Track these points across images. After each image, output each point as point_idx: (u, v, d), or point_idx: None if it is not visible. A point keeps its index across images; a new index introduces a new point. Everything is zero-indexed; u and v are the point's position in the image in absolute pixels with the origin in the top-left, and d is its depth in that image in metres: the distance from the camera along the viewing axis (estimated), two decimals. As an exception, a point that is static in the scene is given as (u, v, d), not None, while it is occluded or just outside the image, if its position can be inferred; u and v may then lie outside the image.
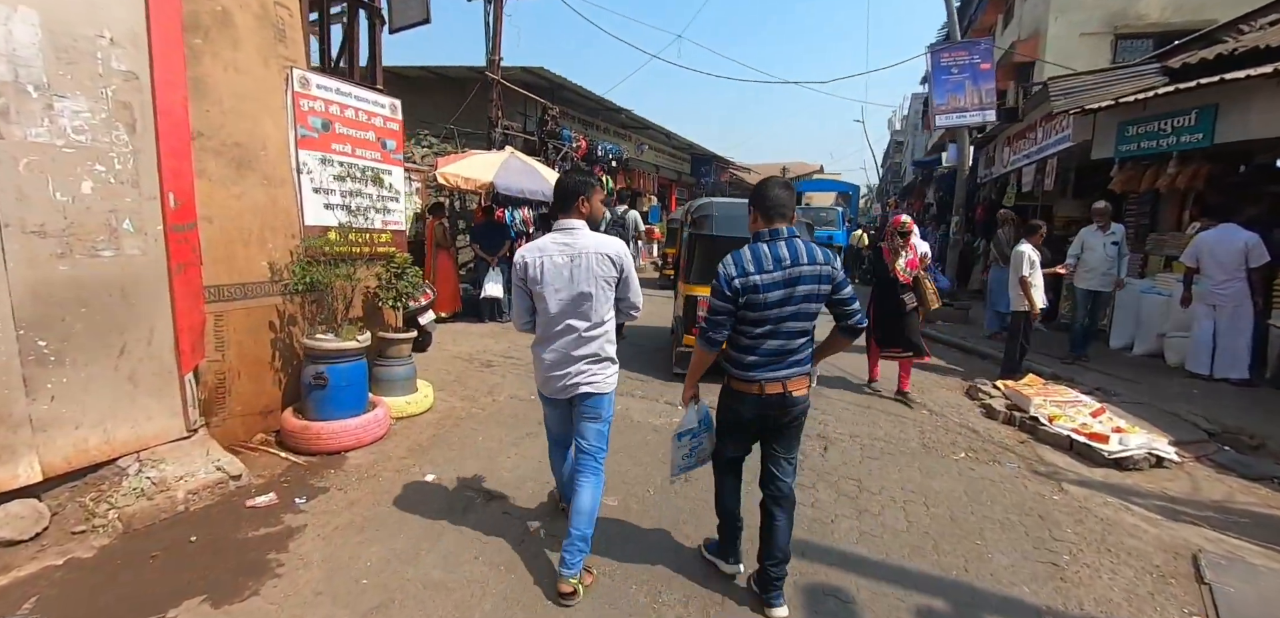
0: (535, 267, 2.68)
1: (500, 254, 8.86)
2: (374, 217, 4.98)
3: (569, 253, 2.65)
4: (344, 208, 4.63)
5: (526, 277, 2.71)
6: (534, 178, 8.71)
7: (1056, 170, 9.84)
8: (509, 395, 5.71)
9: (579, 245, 2.66)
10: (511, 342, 7.87)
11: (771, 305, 2.37)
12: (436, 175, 7.96)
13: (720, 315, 2.43)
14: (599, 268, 2.65)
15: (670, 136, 18.76)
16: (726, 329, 2.46)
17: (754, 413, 2.51)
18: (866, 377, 6.79)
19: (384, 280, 4.90)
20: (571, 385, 2.73)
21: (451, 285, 8.93)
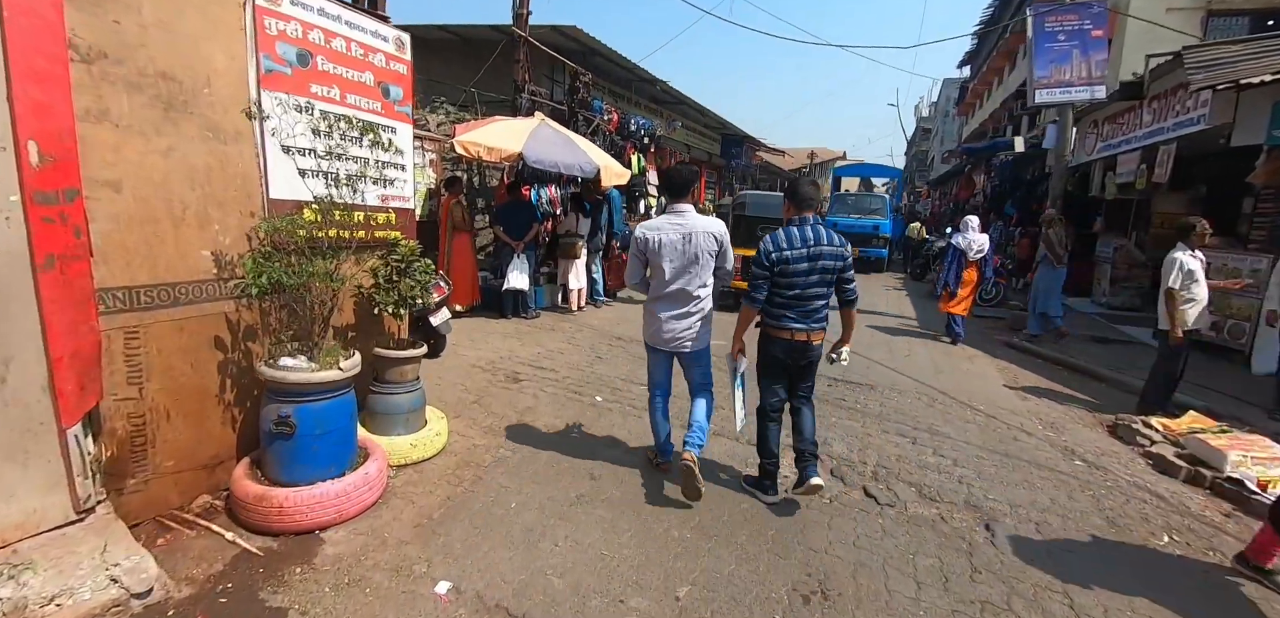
0: (655, 242, 3.29)
1: (527, 239, 7.47)
2: (370, 189, 3.59)
3: (682, 230, 3.26)
4: (327, 175, 3.24)
5: (646, 249, 3.32)
6: (571, 150, 7.28)
7: (1173, 158, 8.28)
8: (546, 426, 4.36)
9: (690, 225, 3.28)
10: (542, 345, 6.50)
11: (798, 274, 3.10)
12: (454, 144, 6.60)
13: (760, 279, 3.14)
14: (706, 243, 3.28)
15: (704, 113, 17.19)
16: (765, 290, 3.14)
17: (784, 353, 3.25)
18: (993, 414, 5.36)
19: (383, 277, 3.53)
20: (679, 342, 3.39)
21: (470, 274, 7.57)
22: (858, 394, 5.64)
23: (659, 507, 3.33)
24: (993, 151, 17.35)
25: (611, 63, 12.33)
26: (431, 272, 3.82)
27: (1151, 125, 9.09)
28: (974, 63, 33.06)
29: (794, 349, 3.22)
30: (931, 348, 7.74)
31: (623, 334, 7.24)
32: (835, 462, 4.14)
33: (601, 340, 6.90)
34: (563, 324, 7.59)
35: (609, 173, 7.59)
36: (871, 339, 7.96)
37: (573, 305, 8.12)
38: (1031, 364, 7.31)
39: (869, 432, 4.73)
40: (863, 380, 6.06)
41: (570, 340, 6.80)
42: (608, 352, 6.44)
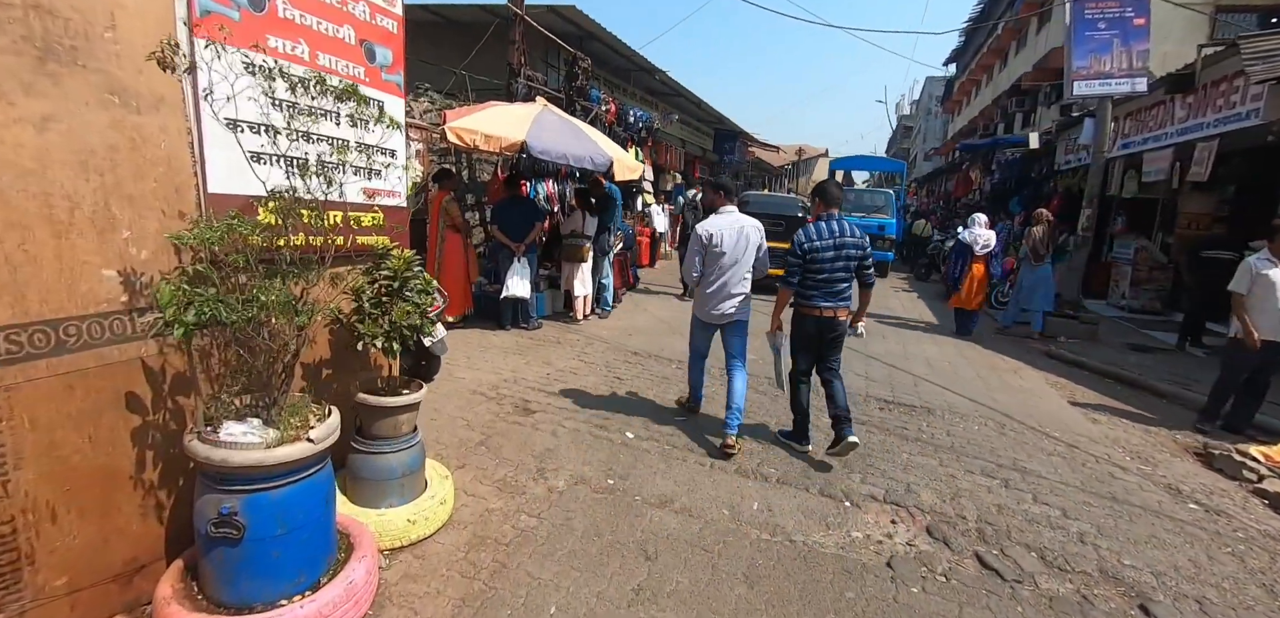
0: (718, 236, 3.88)
1: (528, 241, 6.56)
2: (351, 181, 2.69)
3: (736, 227, 3.91)
4: (291, 162, 2.32)
5: (709, 243, 3.89)
6: (579, 139, 6.39)
7: (1214, 156, 7.73)
8: (574, 474, 3.50)
9: (739, 222, 3.93)
10: (550, 363, 5.62)
11: (826, 262, 3.67)
12: (445, 131, 5.68)
13: (794, 265, 3.73)
14: (753, 237, 3.95)
15: (700, 106, 16.38)
16: (798, 275, 3.73)
17: (815, 329, 3.81)
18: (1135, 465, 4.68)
19: (369, 299, 2.63)
20: (727, 314, 3.97)
21: (463, 280, 6.64)
22: (918, 420, 4.89)
23: (741, 588, 2.51)
24: (993, 148, 16.86)
25: (609, 49, 11.44)
26: (432, 288, 2.93)
27: (1187, 121, 8.54)
28: (960, 60, 32.89)
29: (822, 324, 3.78)
30: (972, 359, 7.05)
31: (639, 349, 6.39)
32: (930, 516, 3.37)
33: (617, 357, 6.04)
34: (569, 336, 6.71)
35: (622, 166, 6.72)
36: (905, 349, 7.25)
37: (578, 314, 7.24)
38: (1079, 376, 6.67)
39: (951, 471, 3.96)
40: (917, 402, 5.32)
41: (582, 357, 5.93)
42: (627, 371, 5.58)
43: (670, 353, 6.32)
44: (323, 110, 2.42)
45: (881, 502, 3.50)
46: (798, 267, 3.69)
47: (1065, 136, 12.95)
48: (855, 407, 4.83)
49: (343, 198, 2.50)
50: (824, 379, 3.93)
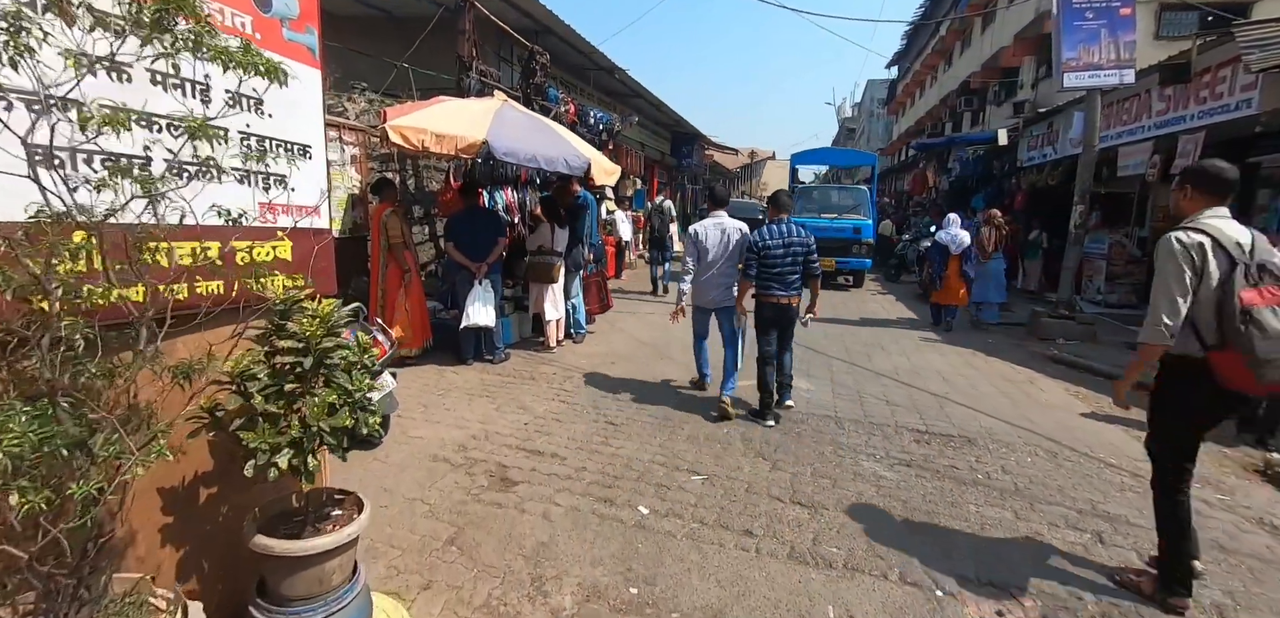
0: (705, 236, 4.58)
1: (491, 259, 5.53)
2: (234, 191, 1.66)
3: (721, 228, 4.58)
4: (115, 166, 1.29)
5: (698, 242, 4.58)
6: (549, 137, 5.41)
7: (1201, 148, 7.50)
8: (582, 587, 2.54)
9: (725, 224, 4.60)
10: (526, 408, 4.61)
11: (777, 257, 4.33)
12: (386, 131, 4.59)
13: (751, 259, 4.38)
14: (735, 236, 4.56)
15: (660, 107, 15.59)
16: (755, 268, 4.36)
17: (772, 314, 4.45)
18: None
19: (262, 390, 1.59)
20: (719, 301, 4.63)
21: (418, 309, 5.53)
22: (965, 455, 4.17)
23: None
24: (949, 146, 16.83)
25: (567, 46, 10.46)
26: (369, 351, 1.93)
27: (1166, 113, 8.34)
28: (902, 63, 33.57)
29: (778, 309, 4.42)
30: (983, 370, 6.47)
31: (628, 382, 5.46)
32: (1039, 600, 2.60)
33: (603, 394, 5.09)
34: (543, 369, 5.71)
35: (600, 168, 5.78)
36: (911, 362, 6.60)
37: (550, 341, 6.24)
38: (1092, 382, 6.19)
39: (1034, 527, 3.23)
40: (952, 430, 4.62)
41: (562, 397, 4.94)
42: (619, 411, 4.65)
43: (664, 383, 5.42)
44: (168, 81, 1.39)
45: (976, 584, 2.72)
46: (754, 261, 4.39)
47: (1028, 133, 12.87)
48: (887, 440, 4.32)
49: (211, 216, 1.47)
50: (777, 352, 4.61)
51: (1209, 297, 2.29)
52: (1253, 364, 2.19)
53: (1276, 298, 2.22)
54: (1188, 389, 2.48)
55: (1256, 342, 2.17)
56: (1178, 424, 2.56)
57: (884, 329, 8.48)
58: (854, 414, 4.86)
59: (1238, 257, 2.27)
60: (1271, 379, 2.21)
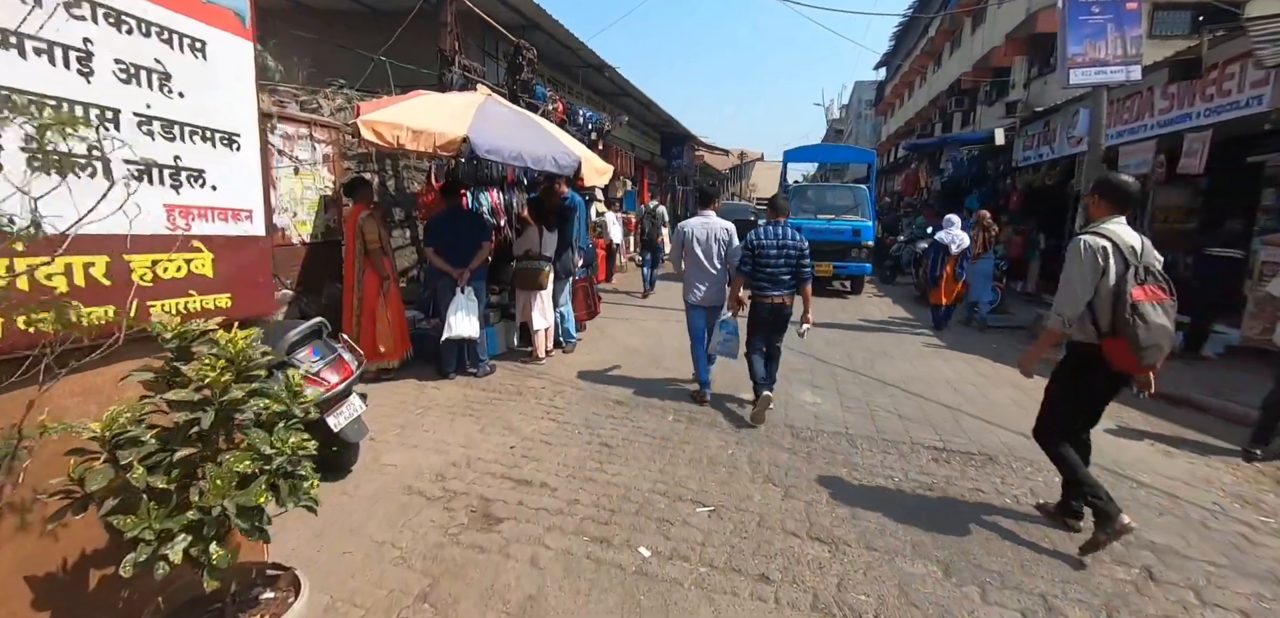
0: (692, 235, 4.76)
1: (474, 265, 5.14)
2: (137, 195, 1.26)
3: (707, 228, 4.76)
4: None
5: (685, 240, 4.77)
6: (536, 134, 5.02)
7: (1209, 147, 7.28)
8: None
9: (712, 224, 4.78)
10: (512, 428, 4.21)
11: (771, 258, 4.41)
12: (358, 127, 4.18)
13: (745, 258, 4.47)
14: (722, 235, 4.75)
15: (650, 107, 15.23)
16: (749, 266, 4.45)
17: (768, 314, 4.50)
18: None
19: (145, 458, 1.19)
20: (710, 301, 4.79)
21: (397, 317, 5.12)
22: (987, 474, 3.86)
23: None
24: (942, 147, 16.64)
25: (556, 42, 10.07)
26: (301, 416, 1.52)
27: (1171, 112, 8.13)
28: (891, 64, 33.52)
29: (773, 309, 4.51)
30: (992, 377, 6.18)
31: (622, 395, 5.09)
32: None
33: (596, 408, 4.71)
34: (530, 382, 5.31)
35: (592, 167, 5.40)
36: (918, 371, 6.27)
37: (538, 351, 5.84)
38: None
39: (1095, 579, 2.90)
40: (972, 447, 4.29)
41: (551, 414, 4.56)
42: (613, 430, 4.27)
43: (660, 395, 5.05)
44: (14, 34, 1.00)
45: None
46: (748, 259, 4.47)
47: (1024, 132, 12.67)
48: (904, 459, 4.05)
49: (79, 223, 1.07)
50: (767, 353, 4.69)
51: (1107, 292, 2.66)
52: (1136, 350, 2.59)
53: (1156, 296, 2.60)
54: (1086, 369, 2.88)
55: (1140, 332, 2.54)
56: (1073, 397, 3.00)
57: (886, 333, 8.18)
58: (866, 430, 4.53)
59: (1131, 260, 2.64)
60: (1150, 362, 2.64)
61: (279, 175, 5.37)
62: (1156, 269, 2.68)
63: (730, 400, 5.03)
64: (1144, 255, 2.69)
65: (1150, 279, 2.64)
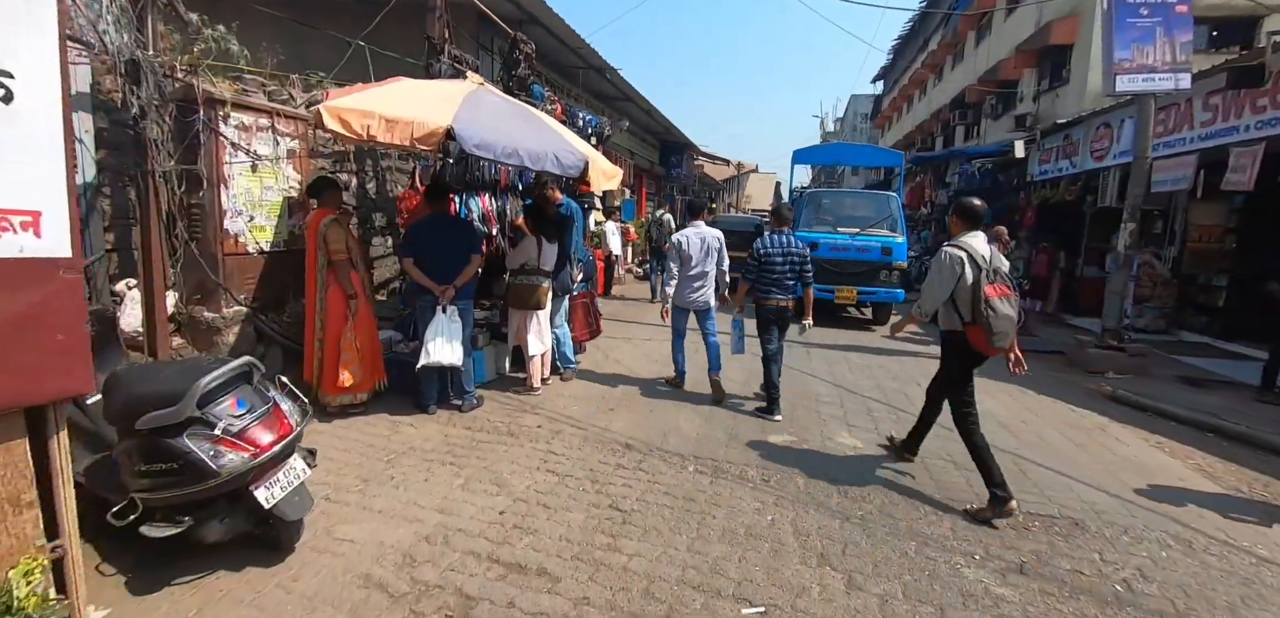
0: (688, 244, 5.05)
1: (461, 281, 4.36)
2: None
3: (700, 236, 5.08)
4: None
5: (681, 248, 5.04)
6: (535, 129, 4.27)
7: (1259, 162, 6.69)
8: None
9: (705, 233, 5.11)
10: (504, 485, 3.42)
11: (775, 265, 4.67)
12: (321, 114, 3.42)
13: (751, 264, 4.73)
14: (713, 244, 5.10)
15: (651, 113, 14.56)
16: (754, 273, 4.72)
17: (772, 315, 4.74)
18: None
19: None
20: (701, 301, 5.11)
21: (369, 342, 4.32)
22: (1080, 546, 3.14)
23: None
24: (948, 160, 16.08)
25: (556, 39, 9.35)
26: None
27: (1214, 124, 7.55)
28: (888, 77, 33.18)
29: (776, 310, 4.75)
30: (1039, 412, 5.48)
31: (631, 435, 4.32)
32: None
33: (604, 454, 3.94)
34: (524, 418, 4.53)
35: (599, 171, 4.64)
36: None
37: (532, 380, 5.06)
38: (1169, 429, 5.24)
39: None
40: (1053, 510, 3.57)
41: (550, 462, 3.78)
42: (627, 488, 3.50)
43: (677, 436, 4.28)
44: None
45: None
46: (754, 267, 4.71)
47: (1040, 146, 12.10)
48: (981, 527, 3.33)
49: None
50: (767, 355, 4.81)
51: (966, 291, 3.28)
52: (989, 334, 3.21)
53: (1003, 292, 3.24)
54: (956, 351, 3.52)
55: (992, 320, 3.18)
56: (956, 374, 3.61)
57: (911, 359, 7.46)
58: (922, 483, 3.80)
59: (982, 265, 3.26)
60: (1000, 344, 3.25)
61: (232, 172, 4.58)
62: (1003, 272, 3.33)
63: (739, 409, 4.28)
64: (993, 261, 3.32)
65: (998, 279, 3.28)
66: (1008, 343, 3.29)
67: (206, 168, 4.45)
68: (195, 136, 4.39)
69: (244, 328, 4.74)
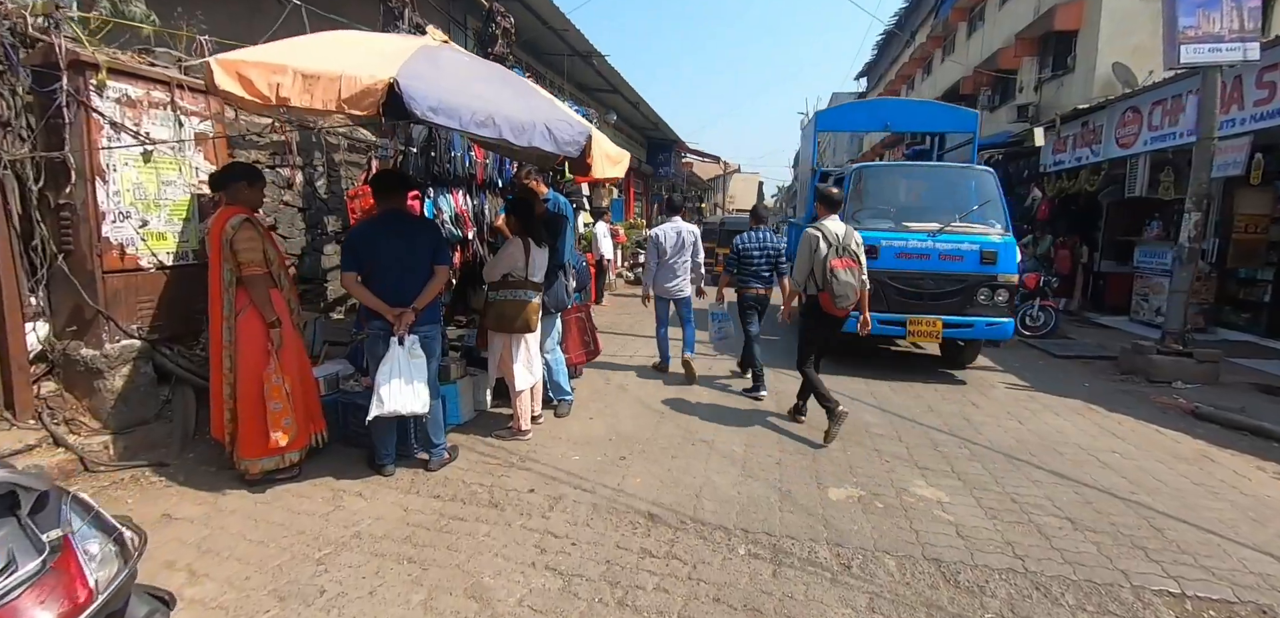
0: (664, 237, 5.47)
1: (423, 302, 3.25)
2: None
3: (676, 230, 5.48)
4: None
5: (660, 244, 5.45)
6: (516, 94, 3.19)
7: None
8: None
9: (680, 227, 5.52)
10: (486, 601, 2.32)
11: (754, 259, 5.14)
12: (211, 71, 2.34)
13: (732, 259, 5.26)
14: (688, 238, 5.50)
15: (638, 106, 13.51)
16: (735, 267, 5.23)
17: (750, 301, 5.19)
18: None
19: None
20: (679, 292, 5.52)
21: (299, 382, 3.17)
22: None
23: None
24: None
25: (537, 18, 8.26)
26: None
27: (1271, 104, 6.76)
28: (872, 73, 32.60)
29: (756, 298, 5.21)
30: (1132, 438, 4.55)
31: (654, 499, 3.25)
32: None
33: (622, 533, 2.87)
34: (511, 479, 3.44)
35: (603, 155, 3.55)
36: (1036, 425, 4.58)
37: (520, 422, 3.95)
38: (1265, 448, 4.38)
39: None
40: (1224, 590, 2.60)
41: (547, 549, 2.70)
42: (664, 593, 2.43)
43: (713, 497, 3.23)
44: None
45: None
46: (734, 261, 5.26)
47: (1054, 134, 11.33)
48: None
49: None
50: (748, 335, 5.29)
51: (820, 263, 4.00)
52: (833, 297, 3.98)
53: (847, 265, 4.00)
54: (814, 312, 4.24)
55: (835, 285, 3.94)
56: (812, 333, 4.30)
57: (947, 372, 6.50)
58: (1045, 559, 2.81)
59: (833, 242, 4.01)
60: (842, 307, 4.03)
61: (114, 162, 3.42)
62: (851, 248, 4.06)
63: (770, 425, 3.25)
64: (845, 239, 4.05)
65: (846, 254, 4.03)
66: (848, 304, 4.05)
67: (76, 156, 3.28)
68: (57, 113, 3.23)
69: (138, 367, 3.58)
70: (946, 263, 5.73)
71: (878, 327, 5.10)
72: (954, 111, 9.53)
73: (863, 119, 11.17)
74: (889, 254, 5.68)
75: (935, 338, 5.84)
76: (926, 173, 7.09)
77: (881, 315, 5.54)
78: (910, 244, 5.75)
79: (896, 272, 5.72)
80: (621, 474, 3.50)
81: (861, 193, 6.23)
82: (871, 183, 6.43)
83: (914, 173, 7.24)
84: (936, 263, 5.73)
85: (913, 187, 6.64)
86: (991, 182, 6.19)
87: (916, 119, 10.46)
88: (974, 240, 5.72)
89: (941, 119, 9.70)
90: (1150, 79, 10.44)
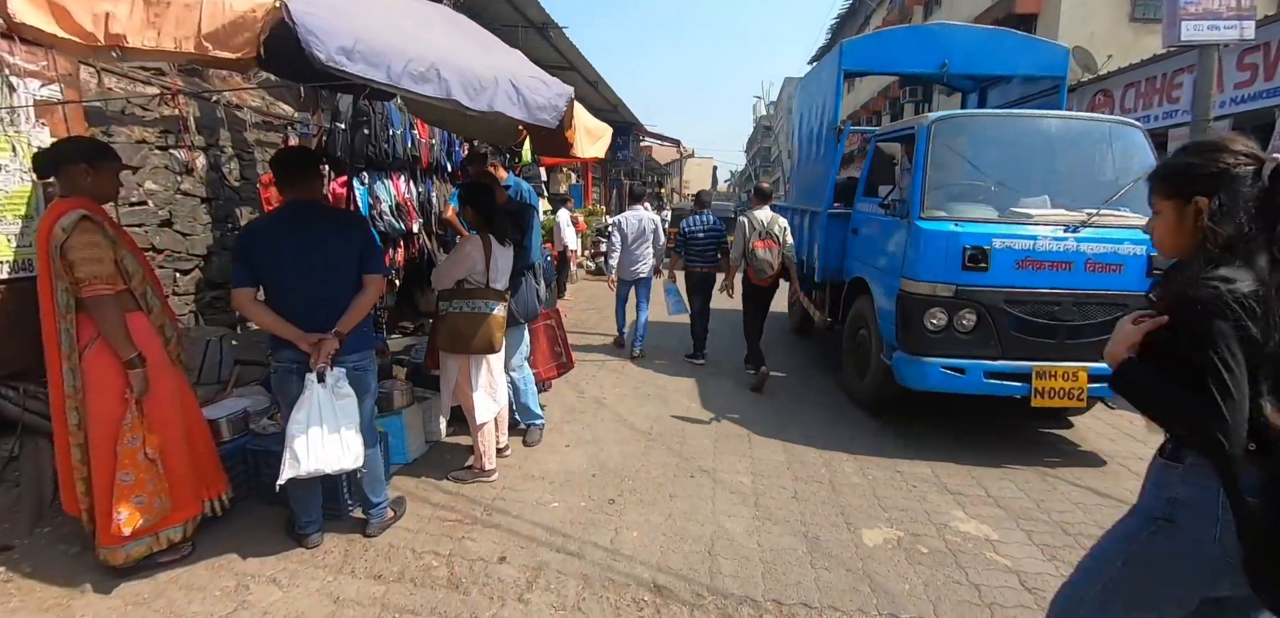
0: (626, 225, 5.91)
1: (346, 327, 2.44)
2: None
3: (638, 218, 5.93)
4: None
5: (623, 230, 5.89)
6: (475, 42, 2.42)
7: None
8: None
9: (641, 215, 5.95)
10: None
11: (699, 240, 5.58)
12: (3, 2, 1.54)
13: (679, 240, 5.74)
14: (649, 226, 5.97)
15: (598, 86, 12.65)
16: (682, 248, 5.68)
17: (696, 280, 5.66)
18: None
19: None
20: (638, 273, 5.96)
21: (179, 432, 2.33)
22: None
23: None
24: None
25: (486, -19, 7.33)
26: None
27: (1253, 85, 6.64)
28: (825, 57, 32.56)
29: (700, 277, 5.65)
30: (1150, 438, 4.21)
31: (658, 558, 2.60)
32: None
33: (623, 610, 2.21)
34: (475, 542, 2.71)
35: (585, 130, 2.79)
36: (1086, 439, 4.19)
37: (484, 461, 3.20)
38: None
39: None
40: None
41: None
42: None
43: (729, 552, 2.59)
44: None
45: None
46: (681, 242, 5.70)
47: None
48: None
49: None
50: (700, 309, 5.79)
51: (749, 244, 4.91)
52: (755, 269, 4.92)
53: (767, 245, 4.88)
54: (746, 285, 5.09)
55: (755, 260, 4.89)
56: (747, 303, 5.14)
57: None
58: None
59: (757, 227, 4.90)
60: (760, 275, 4.93)
61: (-102, 138, 2.45)
62: (774, 231, 4.92)
63: (787, 437, 2.67)
64: (768, 225, 4.93)
65: (767, 236, 4.91)
66: (765, 278, 4.94)
67: None
68: None
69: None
70: (1096, 276, 3.60)
71: (984, 384, 3.53)
72: (1038, 46, 5.95)
73: (909, 53, 6.10)
74: (1005, 264, 3.53)
75: (1079, 399, 3.63)
76: (1041, 128, 4.22)
77: (990, 366, 3.59)
78: (1040, 247, 3.57)
79: (1015, 291, 3.59)
80: (614, 528, 2.82)
81: (948, 162, 3.90)
82: (959, 144, 3.96)
83: (1021, 128, 4.31)
84: (1081, 277, 3.60)
85: (1018, 151, 4.08)
86: (1143, 143, 3.93)
87: (987, 56, 5.90)
88: (1135, 240, 3.56)
89: (1023, 58, 5.85)
90: (1109, 65, 10.43)
